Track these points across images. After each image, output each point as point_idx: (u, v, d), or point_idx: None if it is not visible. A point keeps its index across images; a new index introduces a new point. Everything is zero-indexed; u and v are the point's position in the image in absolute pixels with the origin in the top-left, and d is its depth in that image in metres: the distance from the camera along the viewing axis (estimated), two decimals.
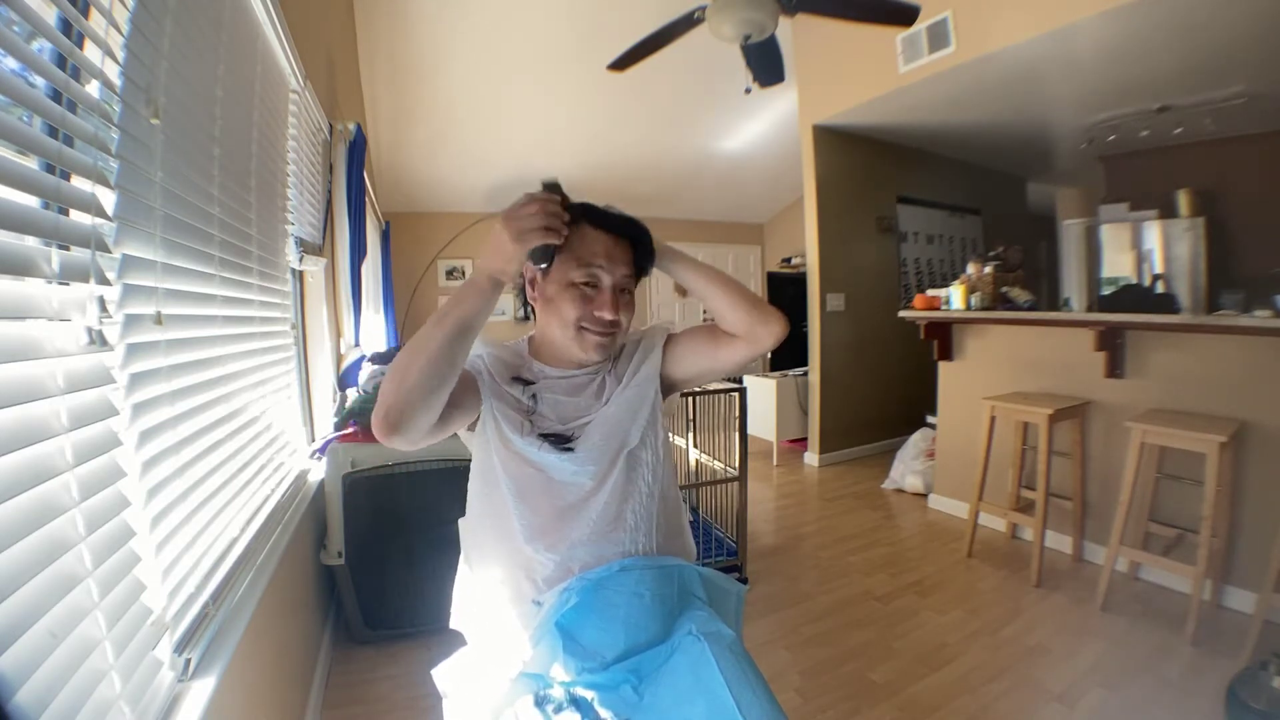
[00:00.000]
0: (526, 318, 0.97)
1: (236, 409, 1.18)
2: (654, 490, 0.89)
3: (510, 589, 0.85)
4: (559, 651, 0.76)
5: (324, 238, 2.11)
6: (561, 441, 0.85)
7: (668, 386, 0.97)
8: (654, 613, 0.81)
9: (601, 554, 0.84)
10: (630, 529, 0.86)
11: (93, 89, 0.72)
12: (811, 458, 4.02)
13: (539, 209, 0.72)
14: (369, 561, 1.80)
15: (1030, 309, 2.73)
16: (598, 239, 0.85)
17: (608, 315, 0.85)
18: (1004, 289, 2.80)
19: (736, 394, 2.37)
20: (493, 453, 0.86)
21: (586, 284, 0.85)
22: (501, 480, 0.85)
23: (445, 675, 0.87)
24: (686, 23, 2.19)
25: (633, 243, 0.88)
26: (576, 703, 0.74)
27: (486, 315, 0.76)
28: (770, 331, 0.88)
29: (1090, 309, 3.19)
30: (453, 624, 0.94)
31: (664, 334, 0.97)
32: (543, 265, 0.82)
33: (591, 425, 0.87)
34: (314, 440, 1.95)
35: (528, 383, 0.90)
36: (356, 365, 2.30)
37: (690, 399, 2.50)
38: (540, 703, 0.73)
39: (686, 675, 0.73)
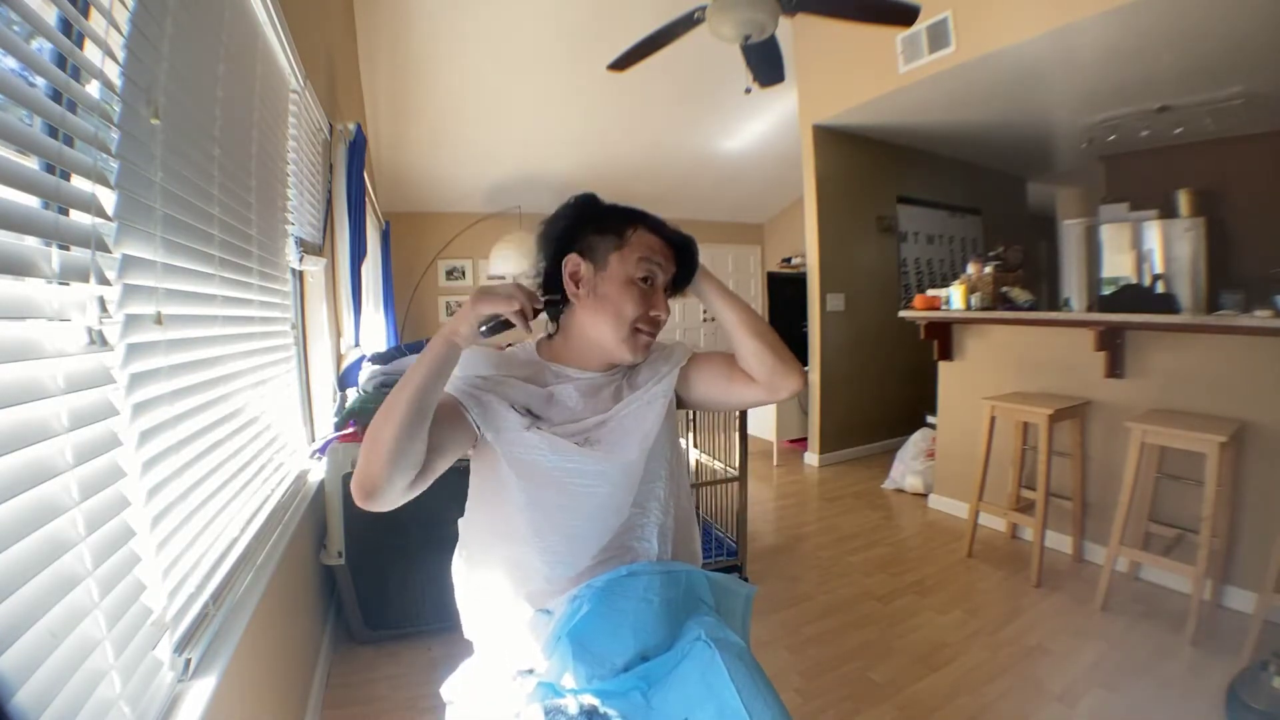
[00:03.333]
0: (555, 332, 0.93)
1: (236, 409, 1.18)
2: (668, 504, 0.89)
3: (517, 594, 0.84)
4: (569, 660, 0.76)
5: (324, 238, 2.11)
6: (579, 441, 0.84)
7: (678, 403, 0.97)
8: (662, 617, 0.80)
9: (612, 562, 0.83)
10: (642, 539, 0.86)
11: (93, 89, 0.72)
12: (811, 458, 4.02)
13: (516, 290, 0.74)
14: (369, 561, 1.80)
15: (1030, 309, 2.73)
16: (653, 240, 0.86)
17: (663, 315, 0.87)
18: (1004, 289, 2.80)
19: None
20: (502, 459, 0.83)
21: (645, 279, 0.85)
22: (513, 486, 0.82)
23: (451, 688, 0.87)
24: (686, 23, 2.19)
25: (677, 252, 0.88)
26: (586, 713, 0.73)
27: (441, 379, 0.74)
28: (788, 385, 0.90)
29: (1090, 309, 3.19)
30: (466, 634, 0.92)
31: (687, 354, 0.96)
32: (482, 329, 0.76)
33: (607, 429, 0.86)
34: (314, 440, 1.95)
35: (542, 385, 0.88)
36: (356, 365, 2.30)
37: None
38: (550, 713, 0.73)
39: (696, 682, 0.72)
